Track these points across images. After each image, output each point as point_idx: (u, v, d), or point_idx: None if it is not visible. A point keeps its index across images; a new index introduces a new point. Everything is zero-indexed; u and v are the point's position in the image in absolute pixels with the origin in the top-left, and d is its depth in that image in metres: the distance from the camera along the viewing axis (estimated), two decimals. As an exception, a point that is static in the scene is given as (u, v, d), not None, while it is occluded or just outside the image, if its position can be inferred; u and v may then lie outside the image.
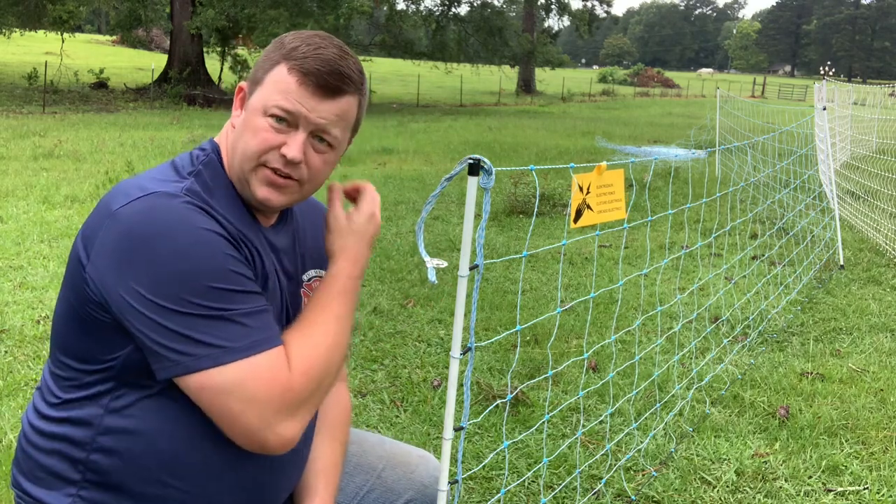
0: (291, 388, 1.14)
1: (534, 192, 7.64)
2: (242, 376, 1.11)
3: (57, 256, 5.16)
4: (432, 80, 35.55)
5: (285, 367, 1.15)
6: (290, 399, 1.14)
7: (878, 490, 2.69)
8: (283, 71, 1.22)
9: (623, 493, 2.60)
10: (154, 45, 38.78)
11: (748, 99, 22.52)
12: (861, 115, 12.89)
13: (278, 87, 1.22)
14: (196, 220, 1.14)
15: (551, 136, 16.63)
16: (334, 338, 1.24)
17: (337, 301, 1.27)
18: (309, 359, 1.19)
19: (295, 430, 1.16)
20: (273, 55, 1.25)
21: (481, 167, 1.26)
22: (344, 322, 1.27)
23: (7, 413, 2.96)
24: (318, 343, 1.22)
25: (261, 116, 1.23)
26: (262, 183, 1.24)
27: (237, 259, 1.17)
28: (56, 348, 1.26)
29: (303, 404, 1.16)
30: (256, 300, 1.17)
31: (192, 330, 1.10)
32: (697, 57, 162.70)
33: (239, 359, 1.11)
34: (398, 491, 1.52)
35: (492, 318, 4.31)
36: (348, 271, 1.31)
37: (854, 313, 4.65)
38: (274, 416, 1.12)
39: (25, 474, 1.28)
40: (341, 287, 1.29)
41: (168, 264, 1.10)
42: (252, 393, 1.11)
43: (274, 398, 1.12)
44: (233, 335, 1.11)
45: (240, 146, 1.25)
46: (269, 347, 1.14)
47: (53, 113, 16.13)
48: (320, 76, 1.21)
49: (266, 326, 1.16)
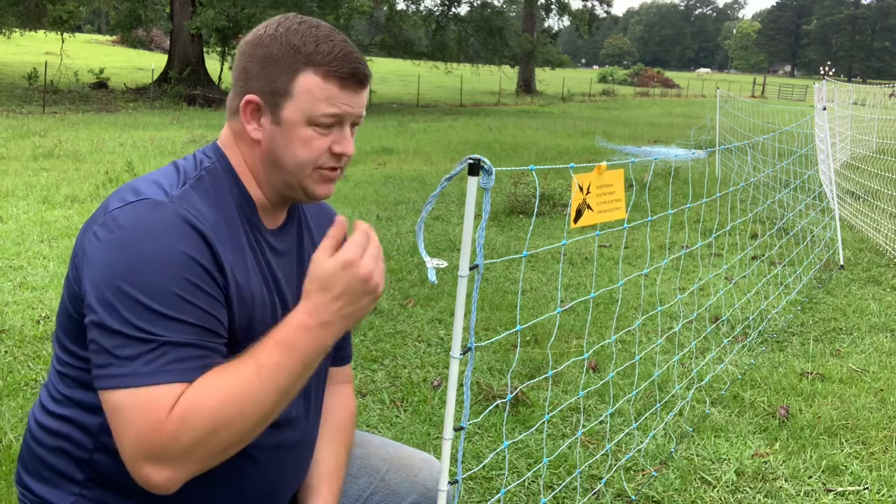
0: (159, 431, 1.06)
1: (534, 193, 7.64)
2: (126, 403, 1.07)
3: (57, 256, 5.16)
4: (432, 80, 35.55)
5: (165, 408, 1.06)
6: (155, 442, 1.06)
7: (878, 490, 2.69)
8: (316, 79, 1.20)
9: (623, 493, 2.60)
10: (154, 45, 38.76)
11: (748, 99, 22.53)
12: (861, 115, 12.89)
13: (319, 97, 1.21)
14: (168, 236, 1.12)
15: (551, 136, 16.63)
16: (242, 390, 1.10)
17: (269, 350, 1.13)
18: (194, 405, 1.07)
19: (161, 477, 1.07)
20: (286, 60, 1.21)
21: (481, 167, 1.26)
22: (266, 374, 1.11)
23: (7, 413, 2.96)
24: (218, 391, 1.09)
25: (305, 127, 1.22)
26: (318, 183, 1.27)
27: (194, 284, 1.12)
28: (57, 343, 1.27)
29: (170, 453, 1.06)
30: (188, 332, 1.11)
31: (108, 347, 1.08)
32: (697, 57, 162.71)
33: (133, 385, 1.07)
34: (401, 494, 1.52)
35: (492, 318, 4.31)
36: (299, 321, 1.15)
37: (854, 313, 4.65)
38: (137, 455, 1.07)
39: (30, 472, 1.28)
40: (283, 336, 1.14)
41: (119, 275, 1.09)
42: (126, 423, 1.07)
43: (140, 436, 1.06)
44: (142, 361, 1.07)
45: (288, 159, 1.24)
46: (166, 381, 1.07)
47: (53, 113, 16.13)
48: (356, 74, 1.22)
49: (179, 360, 1.10)
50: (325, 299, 1.15)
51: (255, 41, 1.24)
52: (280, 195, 1.30)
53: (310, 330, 1.14)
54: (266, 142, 1.25)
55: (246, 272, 1.23)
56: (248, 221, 1.27)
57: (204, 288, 1.14)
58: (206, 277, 1.14)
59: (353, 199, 7.94)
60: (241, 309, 1.21)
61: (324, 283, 1.15)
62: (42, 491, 1.26)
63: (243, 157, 1.28)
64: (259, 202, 1.29)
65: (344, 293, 1.15)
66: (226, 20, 20.72)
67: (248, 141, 1.27)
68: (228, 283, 1.18)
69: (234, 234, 1.23)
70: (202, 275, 1.14)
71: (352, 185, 8.85)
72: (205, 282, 1.14)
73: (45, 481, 1.26)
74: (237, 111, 1.26)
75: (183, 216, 1.14)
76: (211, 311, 1.15)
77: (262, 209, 1.30)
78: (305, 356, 1.15)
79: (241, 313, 1.21)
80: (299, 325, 1.14)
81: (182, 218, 1.14)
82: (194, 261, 1.13)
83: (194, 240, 1.14)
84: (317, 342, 1.15)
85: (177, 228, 1.13)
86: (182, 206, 1.16)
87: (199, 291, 1.13)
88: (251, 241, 1.26)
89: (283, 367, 1.13)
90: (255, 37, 1.25)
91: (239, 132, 1.28)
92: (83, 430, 1.22)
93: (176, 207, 1.15)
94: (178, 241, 1.12)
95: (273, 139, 1.24)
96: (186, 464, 1.08)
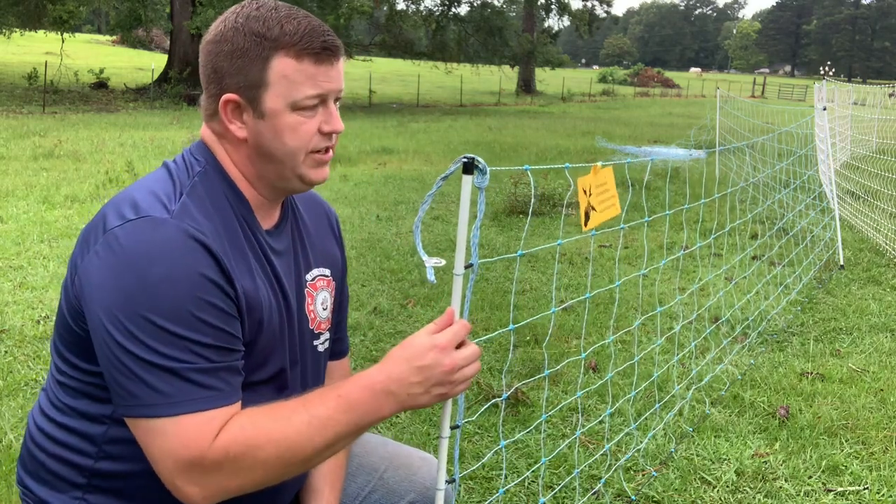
0: (203, 458, 1.08)
1: (535, 193, 7.65)
2: (166, 430, 1.08)
3: (57, 256, 5.16)
4: (432, 80, 35.55)
5: (209, 435, 1.09)
6: (198, 466, 1.08)
7: (878, 490, 2.69)
8: (289, 61, 1.17)
9: (623, 493, 2.60)
10: (154, 45, 38.76)
11: (748, 99, 22.53)
12: (861, 115, 12.89)
13: (297, 79, 1.17)
14: (176, 256, 1.10)
15: (551, 136, 16.63)
16: (288, 435, 1.11)
17: (326, 402, 1.13)
18: (240, 439, 1.10)
19: (196, 495, 1.10)
20: (254, 50, 1.17)
21: (475, 166, 1.25)
22: (316, 425, 1.12)
23: (7, 413, 2.96)
24: (266, 431, 1.11)
25: (290, 113, 1.19)
26: (312, 168, 1.25)
27: (209, 303, 1.11)
28: (55, 352, 1.26)
29: (210, 477, 1.09)
30: (216, 355, 1.12)
31: (136, 375, 1.08)
32: (697, 57, 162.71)
33: (170, 414, 1.08)
34: (400, 492, 1.52)
35: (492, 318, 4.31)
36: (368, 380, 1.15)
37: (854, 313, 4.65)
38: (178, 475, 1.09)
39: (31, 474, 1.28)
40: (345, 392, 1.14)
41: (133, 299, 1.08)
42: (169, 448, 1.08)
43: (183, 459, 1.08)
44: (173, 390, 1.08)
45: (279, 150, 1.21)
46: (204, 409, 1.09)
47: (53, 113, 16.13)
48: (328, 47, 1.19)
49: (213, 386, 1.11)
50: (404, 369, 1.14)
51: (216, 38, 1.20)
52: (274, 189, 1.27)
53: (375, 394, 1.13)
54: (252, 138, 1.22)
55: (250, 277, 1.22)
56: (246, 224, 1.25)
57: (218, 305, 1.13)
58: (219, 293, 1.13)
59: (353, 199, 7.94)
60: (251, 315, 1.20)
61: (410, 354, 1.14)
62: (44, 494, 1.26)
63: (231, 158, 1.25)
64: (253, 201, 1.27)
65: (423, 371, 1.14)
66: (226, 20, 20.69)
67: (234, 140, 1.23)
68: (238, 293, 1.17)
69: (235, 240, 1.21)
70: (215, 291, 1.13)
71: (352, 184, 8.85)
72: (218, 298, 1.13)
73: (46, 484, 1.26)
74: (216, 113, 1.22)
75: (187, 232, 1.12)
76: (227, 329, 1.14)
77: (258, 208, 1.28)
78: (360, 418, 1.14)
79: (250, 319, 1.20)
80: (367, 384, 1.14)
81: (187, 234, 1.12)
82: (205, 277, 1.12)
83: (202, 256, 1.12)
84: (376, 408, 1.14)
85: (184, 246, 1.11)
86: (184, 220, 1.13)
87: (214, 309, 1.12)
88: (251, 244, 1.25)
89: (335, 422, 1.12)
90: (215, 34, 1.21)
91: (221, 133, 1.24)
92: (87, 440, 1.21)
93: (178, 223, 1.12)
94: (188, 259, 1.11)
95: (259, 133, 1.21)
96: (222, 488, 1.11)
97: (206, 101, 1.24)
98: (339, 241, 1.52)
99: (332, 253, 1.47)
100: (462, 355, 1.17)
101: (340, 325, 1.54)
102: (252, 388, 1.25)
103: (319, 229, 1.46)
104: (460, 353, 1.17)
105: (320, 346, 1.41)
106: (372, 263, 5.39)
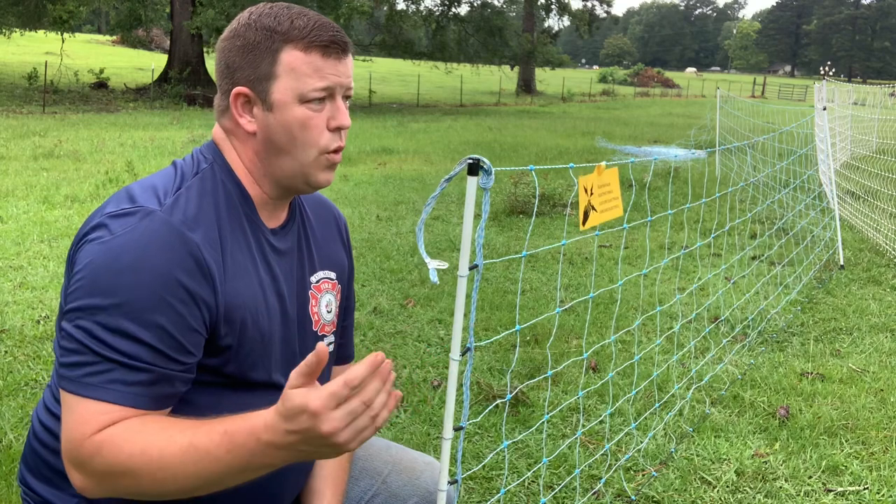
0: (80, 446, 1.08)
1: (535, 193, 7.64)
2: (70, 407, 1.10)
3: (57, 256, 5.16)
4: (432, 80, 35.54)
5: (94, 426, 1.07)
6: (74, 453, 1.09)
7: (878, 490, 2.69)
8: (297, 54, 1.19)
9: (623, 493, 2.60)
10: (154, 45, 38.76)
11: (748, 99, 22.53)
12: (861, 115, 12.90)
13: (305, 71, 1.19)
14: (152, 249, 1.11)
15: (551, 136, 16.63)
16: (163, 454, 1.05)
17: (212, 436, 1.05)
18: (115, 441, 1.07)
19: (79, 481, 1.10)
20: (265, 43, 1.20)
21: (480, 167, 1.25)
22: (193, 456, 1.04)
23: (7, 413, 2.96)
24: (142, 442, 1.06)
25: (297, 106, 1.20)
26: (322, 170, 1.25)
27: (168, 304, 1.11)
28: (57, 347, 1.26)
29: (84, 468, 1.09)
30: (144, 353, 1.10)
31: (71, 350, 1.10)
32: (697, 57, 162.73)
33: (76, 393, 1.09)
34: (403, 496, 1.51)
35: (492, 319, 4.31)
36: (254, 427, 1.02)
37: (854, 313, 4.65)
38: (66, 456, 1.10)
39: (33, 472, 1.28)
40: (233, 430, 1.04)
41: (93, 280, 1.10)
42: (66, 426, 1.10)
43: (67, 441, 1.09)
44: (92, 373, 1.09)
45: (287, 143, 1.22)
46: (106, 400, 1.08)
47: (53, 113, 16.13)
48: (336, 41, 1.21)
49: (124, 382, 1.09)
50: (281, 428, 1.00)
51: (230, 35, 1.24)
52: (280, 187, 1.27)
53: (259, 443, 1.02)
54: (262, 131, 1.23)
55: (244, 275, 1.21)
56: (249, 221, 1.26)
57: (176, 307, 1.12)
58: (184, 295, 1.12)
59: (353, 199, 7.94)
60: (234, 315, 1.19)
61: (285, 413, 0.99)
62: (44, 492, 1.26)
63: (238, 154, 1.26)
64: (258, 200, 1.28)
65: (299, 434, 1.00)
66: (226, 20, 20.70)
67: (243, 135, 1.25)
68: (216, 297, 1.16)
69: (233, 236, 1.21)
70: (179, 293, 1.12)
71: (352, 184, 8.85)
72: (180, 300, 1.12)
73: (47, 482, 1.26)
74: (227, 109, 1.25)
75: (173, 226, 1.13)
76: (176, 335, 1.12)
77: (262, 207, 1.28)
78: (247, 462, 1.04)
79: (235, 320, 1.19)
80: (252, 431, 1.02)
81: (172, 228, 1.13)
82: (174, 277, 1.12)
83: (181, 255, 1.12)
84: (262, 457, 1.03)
85: (163, 241, 1.12)
86: (173, 214, 1.14)
87: (169, 311, 1.11)
88: (251, 241, 1.25)
89: (214, 459, 1.04)
90: (229, 32, 1.24)
91: (231, 129, 1.26)
92: None
93: (166, 217, 1.14)
94: (162, 254, 1.11)
95: (268, 126, 1.22)
96: (98, 483, 1.09)
97: (219, 98, 1.27)
98: (346, 246, 1.53)
99: (339, 257, 1.48)
100: (340, 417, 0.98)
101: (346, 330, 1.55)
102: (247, 389, 1.25)
103: (326, 233, 1.46)
104: (336, 415, 0.98)
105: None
106: (372, 263, 5.39)
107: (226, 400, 1.22)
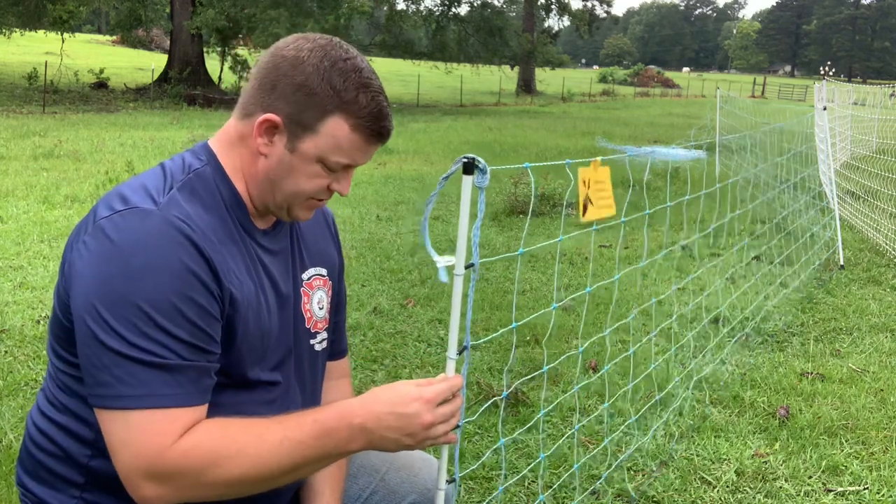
0: (162, 458, 1.08)
1: (535, 193, 7.64)
2: (128, 422, 1.08)
3: (57, 256, 5.16)
4: (432, 80, 35.53)
5: (172, 434, 1.08)
6: (156, 466, 1.08)
7: (878, 490, 2.69)
8: (344, 127, 1.19)
9: (623, 493, 2.60)
10: (154, 45, 38.75)
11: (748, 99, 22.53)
12: (861, 115, 12.90)
13: (341, 145, 1.20)
14: (161, 246, 1.10)
15: (551, 136, 16.63)
16: (260, 451, 1.10)
17: (303, 426, 1.14)
18: (206, 445, 1.09)
19: (152, 493, 1.09)
20: (322, 99, 1.17)
21: (476, 166, 1.26)
22: (287, 447, 1.12)
23: (7, 413, 2.96)
24: (237, 442, 1.11)
25: (315, 164, 1.22)
26: (305, 209, 1.28)
27: (189, 298, 1.11)
28: (52, 352, 1.26)
29: (169, 479, 1.09)
30: (188, 352, 1.11)
31: (105, 365, 1.08)
32: (697, 57, 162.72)
33: (133, 407, 1.08)
34: (401, 493, 1.52)
35: (492, 319, 4.31)
36: (348, 412, 1.15)
37: (854, 313, 4.65)
38: (136, 472, 1.09)
39: (30, 474, 1.28)
40: (323, 419, 1.15)
41: (111, 288, 1.09)
42: (128, 439, 1.08)
43: (141, 456, 1.08)
44: (139, 383, 1.07)
45: (288, 186, 1.23)
46: (168, 406, 1.09)
47: (53, 113, 16.13)
48: (383, 133, 1.23)
49: (180, 383, 1.10)
50: (386, 411, 1.14)
51: (295, 62, 1.18)
52: (264, 206, 1.28)
53: (351, 427, 1.14)
54: (273, 161, 1.22)
55: (239, 275, 1.21)
56: (240, 223, 1.26)
57: (199, 301, 1.12)
58: (202, 290, 1.13)
59: (353, 199, 7.94)
60: (235, 313, 1.20)
61: (395, 399, 1.15)
62: (42, 493, 1.26)
63: (241, 160, 1.26)
64: (249, 203, 1.28)
65: (403, 419, 1.15)
66: (226, 20, 20.72)
67: (254, 150, 1.24)
68: (223, 292, 1.17)
69: (226, 238, 1.21)
70: (198, 287, 1.12)
71: (352, 185, 8.84)
72: (200, 295, 1.12)
73: (45, 484, 1.26)
74: (251, 116, 1.22)
75: (174, 224, 1.12)
76: (204, 327, 1.13)
77: (254, 210, 1.29)
78: (331, 448, 1.15)
79: (236, 318, 1.20)
80: (345, 415, 1.14)
81: (173, 226, 1.12)
82: (190, 272, 1.11)
83: (188, 250, 1.12)
84: (347, 441, 1.15)
85: (169, 238, 1.11)
86: (171, 212, 1.14)
87: (194, 305, 1.11)
88: (244, 243, 1.25)
89: (306, 447, 1.13)
90: (295, 57, 1.19)
91: (245, 137, 1.24)
92: (81, 438, 1.22)
93: (165, 215, 1.13)
94: (172, 251, 1.11)
95: (281, 162, 1.22)
96: (179, 491, 1.11)
97: (250, 100, 1.22)
98: (335, 240, 1.53)
99: (329, 253, 1.48)
100: (442, 412, 1.17)
101: (339, 325, 1.55)
102: (243, 387, 1.25)
103: (316, 229, 1.47)
104: (441, 409, 1.17)
105: (317, 346, 1.42)
106: (372, 263, 5.39)
107: (223, 398, 1.21)
